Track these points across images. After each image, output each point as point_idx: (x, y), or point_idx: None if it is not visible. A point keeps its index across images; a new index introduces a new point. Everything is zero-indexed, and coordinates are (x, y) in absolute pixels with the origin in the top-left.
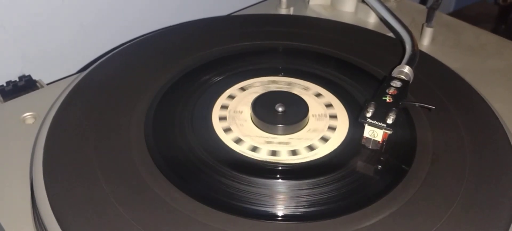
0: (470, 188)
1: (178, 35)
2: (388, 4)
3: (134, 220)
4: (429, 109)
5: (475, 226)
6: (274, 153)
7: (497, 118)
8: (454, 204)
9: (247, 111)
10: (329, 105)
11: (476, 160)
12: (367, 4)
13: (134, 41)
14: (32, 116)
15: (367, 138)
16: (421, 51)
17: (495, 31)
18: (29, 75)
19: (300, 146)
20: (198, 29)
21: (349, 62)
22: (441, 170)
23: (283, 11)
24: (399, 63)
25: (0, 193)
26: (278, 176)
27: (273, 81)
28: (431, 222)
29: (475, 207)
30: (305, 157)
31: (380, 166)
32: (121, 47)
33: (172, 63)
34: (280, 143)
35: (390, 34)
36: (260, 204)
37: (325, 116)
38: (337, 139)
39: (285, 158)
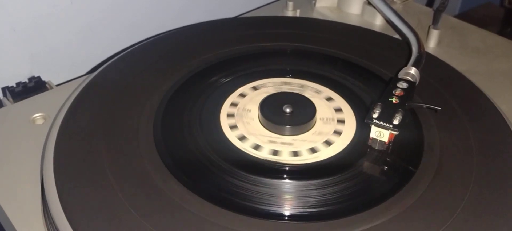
0: (476, 190)
1: (185, 37)
2: (394, 6)
3: (144, 219)
4: (435, 110)
5: (481, 229)
6: (275, 153)
7: (503, 119)
8: (460, 206)
9: (255, 110)
10: (338, 110)
11: (483, 161)
12: (373, 6)
13: (142, 43)
14: (41, 117)
15: (373, 138)
16: (427, 53)
17: (501, 33)
18: (39, 77)
19: (303, 148)
20: (206, 31)
21: (355, 63)
22: (448, 171)
23: (289, 13)
24: (405, 65)
25: (11, 192)
26: (276, 175)
27: (286, 83)
28: (437, 224)
29: (481, 209)
30: (305, 158)
31: (386, 167)
32: (131, 48)
33: (181, 65)
34: (283, 143)
35: (397, 36)
36: (255, 201)
37: (333, 119)
38: (341, 143)
39: (285, 158)
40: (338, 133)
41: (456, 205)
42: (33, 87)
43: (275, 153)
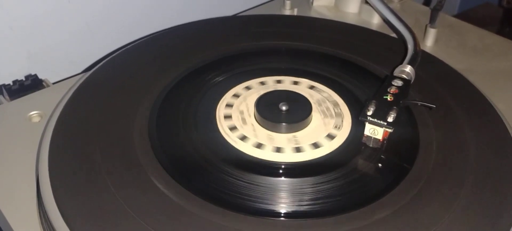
0: (472, 188)
1: (183, 35)
2: (391, 5)
3: (139, 217)
4: (430, 108)
5: (476, 227)
6: (270, 150)
7: (500, 118)
8: (455, 204)
9: (251, 108)
10: (334, 108)
11: (479, 160)
12: (370, 5)
13: (139, 41)
14: (38, 115)
15: (367, 136)
16: (425, 52)
17: (500, 33)
18: (35, 75)
19: (298, 145)
20: (204, 29)
21: (352, 62)
22: (443, 169)
23: (287, 12)
24: (401, 63)
25: (6, 190)
26: (270, 173)
27: (278, 81)
28: (431, 222)
29: (476, 207)
30: (301, 156)
31: (380, 165)
32: (126, 47)
33: (177, 63)
34: (279, 141)
35: (394, 35)
36: (249, 198)
37: (328, 117)
38: (336, 141)
39: (280, 156)
40: (333, 130)
41: (451, 203)
42: (30, 85)
43: (270, 150)
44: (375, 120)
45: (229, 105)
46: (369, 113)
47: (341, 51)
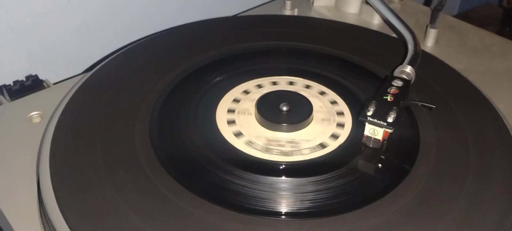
0: (472, 188)
1: (183, 35)
2: (392, 6)
3: (140, 217)
4: (430, 108)
5: (476, 227)
6: (270, 151)
7: (500, 118)
8: (455, 205)
9: (252, 108)
10: (334, 108)
11: (479, 160)
12: (370, 5)
13: (140, 41)
14: (38, 115)
15: (367, 136)
16: (425, 52)
17: (500, 33)
18: (36, 75)
19: (298, 146)
20: (204, 29)
21: (353, 62)
22: (443, 170)
23: (287, 12)
24: (401, 63)
25: (7, 191)
26: (271, 173)
27: (278, 81)
28: (431, 222)
29: (477, 207)
30: (301, 156)
31: (380, 165)
32: (127, 47)
33: (177, 63)
34: (279, 141)
35: (394, 35)
36: (249, 198)
37: (329, 118)
38: (336, 141)
39: (280, 156)
40: (333, 131)
41: (451, 203)
42: (30, 85)
43: (271, 151)
44: (375, 120)
45: (230, 106)
46: (369, 113)
47: (341, 51)
